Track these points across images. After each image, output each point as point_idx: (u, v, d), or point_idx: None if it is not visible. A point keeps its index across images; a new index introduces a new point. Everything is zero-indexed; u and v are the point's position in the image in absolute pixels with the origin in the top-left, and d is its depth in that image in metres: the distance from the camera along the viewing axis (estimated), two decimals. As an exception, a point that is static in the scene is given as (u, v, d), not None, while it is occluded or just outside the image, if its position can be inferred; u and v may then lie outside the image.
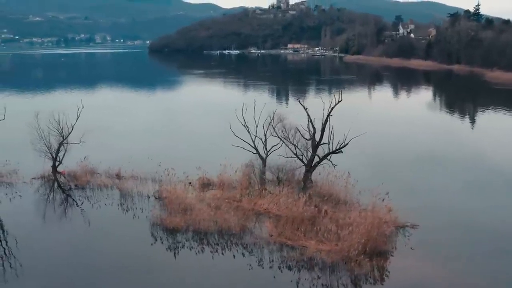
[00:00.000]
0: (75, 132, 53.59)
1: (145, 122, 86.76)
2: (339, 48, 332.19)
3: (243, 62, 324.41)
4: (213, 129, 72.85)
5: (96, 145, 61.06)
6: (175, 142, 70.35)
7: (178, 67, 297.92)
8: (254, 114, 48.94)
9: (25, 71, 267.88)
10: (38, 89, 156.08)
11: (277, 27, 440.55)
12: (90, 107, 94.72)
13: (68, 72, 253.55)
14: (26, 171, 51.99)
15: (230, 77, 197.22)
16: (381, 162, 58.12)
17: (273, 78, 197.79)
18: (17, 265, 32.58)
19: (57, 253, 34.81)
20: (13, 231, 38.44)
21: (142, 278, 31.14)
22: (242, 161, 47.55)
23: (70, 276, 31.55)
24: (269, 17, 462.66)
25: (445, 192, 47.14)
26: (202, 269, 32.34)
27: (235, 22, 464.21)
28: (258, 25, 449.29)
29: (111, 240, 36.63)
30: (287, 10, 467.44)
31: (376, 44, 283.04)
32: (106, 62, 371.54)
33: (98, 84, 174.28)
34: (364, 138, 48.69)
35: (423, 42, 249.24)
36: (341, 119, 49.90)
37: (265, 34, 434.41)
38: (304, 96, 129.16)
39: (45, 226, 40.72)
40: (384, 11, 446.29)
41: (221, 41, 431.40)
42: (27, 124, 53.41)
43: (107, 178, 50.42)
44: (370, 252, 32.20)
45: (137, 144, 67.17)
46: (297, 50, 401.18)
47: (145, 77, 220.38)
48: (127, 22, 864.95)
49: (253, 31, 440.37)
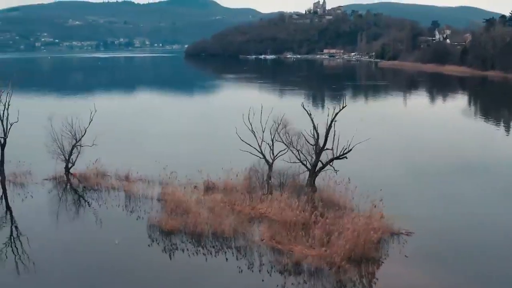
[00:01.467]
0: (93, 135, 54.47)
1: (171, 125, 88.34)
2: (375, 54, 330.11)
3: (278, 67, 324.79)
4: (229, 133, 73.13)
5: (115, 148, 63.76)
6: (191, 145, 70.69)
7: (212, 71, 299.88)
8: (261, 119, 49.41)
9: (60, 74, 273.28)
10: (67, 92, 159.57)
11: (313, 32, 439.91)
12: (115, 110, 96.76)
13: (102, 76, 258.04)
14: (38, 172, 53.12)
15: (263, 82, 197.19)
16: (395, 168, 57.89)
17: (308, 83, 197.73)
18: (30, 263, 33.52)
19: (65, 252, 35.52)
20: (25, 230, 39.67)
21: (136, 279, 31.64)
22: (250, 166, 47.82)
23: (71, 275, 32.20)
24: (305, 22, 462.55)
25: (451, 200, 46.50)
26: (195, 271, 32.73)
27: (271, 27, 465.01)
28: (294, 30, 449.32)
29: (111, 240, 37.05)
30: (323, 15, 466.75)
31: (411, 50, 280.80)
32: (141, 66, 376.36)
33: (130, 88, 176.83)
34: (384, 143, 48.41)
35: (458, 48, 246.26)
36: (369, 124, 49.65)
37: (301, 39, 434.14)
38: (335, 102, 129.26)
39: (54, 226, 41.50)
40: (421, 16, 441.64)
41: (257, 46, 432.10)
42: (42, 126, 54.87)
43: (116, 180, 51.29)
44: (356, 258, 32.12)
45: (154, 147, 67.90)
46: (333, 55, 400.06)
47: (177, 81, 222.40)
48: (167, 26, 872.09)
49: (289, 36, 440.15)
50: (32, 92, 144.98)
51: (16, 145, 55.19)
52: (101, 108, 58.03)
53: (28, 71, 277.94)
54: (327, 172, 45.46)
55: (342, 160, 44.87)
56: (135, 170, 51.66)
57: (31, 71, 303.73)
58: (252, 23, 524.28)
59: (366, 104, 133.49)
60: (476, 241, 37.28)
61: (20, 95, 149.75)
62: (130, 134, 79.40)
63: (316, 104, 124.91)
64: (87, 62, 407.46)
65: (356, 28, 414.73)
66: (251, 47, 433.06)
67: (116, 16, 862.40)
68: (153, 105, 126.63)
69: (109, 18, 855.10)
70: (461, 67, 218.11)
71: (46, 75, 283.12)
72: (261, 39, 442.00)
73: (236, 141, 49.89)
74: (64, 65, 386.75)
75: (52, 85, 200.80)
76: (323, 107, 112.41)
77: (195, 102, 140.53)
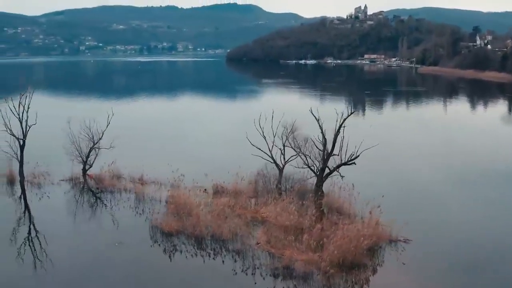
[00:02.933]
0: (114, 137, 55.79)
1: (198, 129, 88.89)
2: (416, 59, 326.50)
3: (317, 72, 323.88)
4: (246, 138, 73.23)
5: (134, 150, 65.71)
6: (211, 149, 71.15)
7: (252, 76, 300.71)
8: (272, 124, 49.64)
9: (98, 77, 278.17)
10: (101, 95, 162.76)
11: (354, 37, 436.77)
12: (144, 114, 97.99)
13: (140, 79, 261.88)
14: (56, 174, 54.77)
15: (299, 87, 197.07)
16: (410, 174, 57.66)
17: (345, 88, 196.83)
18: (48, 262, 34.56)
19: (78, 251, 36.54)
20: (42, 229, 41.05)
21: (136, 278, 32.37)
22: (259, 170, 48.03)
23: (80, 274, 33.01)
24: (346, 27, 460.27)
25: (456, 209, 46.08)
26: (192, 272, 33.29)
27: (312, 31, 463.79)
28: (335, 35, 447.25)
29: (117, 240, 38.09)
30: (365, 20, 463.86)
31: (452, 55, 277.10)
32: (181, 70, 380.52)
33: (165, 92, 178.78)
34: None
35: (499, 54, 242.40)
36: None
37: (342, 44, 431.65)
38: (363, 108, 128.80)
39: (69, 225, 42.47)
40: (466, 22, 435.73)
41: (298, 51, 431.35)
42: (61, 129, 56.35)
43: (130, 182, 52.35)
44: (347, 264, 32.11)
45: (176, 150, 69.48)
46: (373, 61, 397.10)
47: (214, 85, 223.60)
48: (210, 31, 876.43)
49: (330, 41, 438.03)
50: (64, 95, 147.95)
51: (40, 146, 57.04)
52: (128, 112, 59.01)
53: (70, 74, 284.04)
54: (334, 177, 45.39)
55: (363, 166, 44.95)
56: (151, 173, 52.73)
57: (73, 74, 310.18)
58: (293, 28, 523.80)
59: (397, 110, 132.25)
60: (476, 252, 36.69)
61: (54, 97, 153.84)
62: (153, 137, 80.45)
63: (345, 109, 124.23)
64: (128, 66, 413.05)
65: (397, 33, 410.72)
66: (292, 52, 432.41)
67: (159, 21, 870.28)
68: (185, 109, 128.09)
69: (152, 23, 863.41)
70: (501, 74, 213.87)
71: (86, 78, 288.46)
72: (301, 44, 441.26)
73: (250, 146, 50.12)
74: (105, 68, 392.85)
75: (87, 87, 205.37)
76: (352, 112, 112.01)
77: (228, 106, 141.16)
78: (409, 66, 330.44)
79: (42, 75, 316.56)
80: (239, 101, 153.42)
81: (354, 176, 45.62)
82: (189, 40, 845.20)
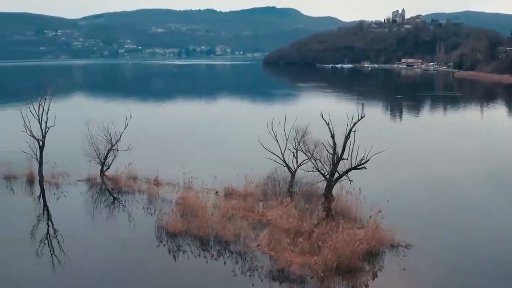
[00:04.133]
0: (137, 139, 58.47)
1: (221, 132, 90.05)
2: (453, 64, 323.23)
3: (354, 76, 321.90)
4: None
5: (155, 152, 67.99)
6: (227, 151, 72.02)
7: (287, 80, 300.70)
8: (285, 128, 50.17)
9: (133, 80, 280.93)
10: (131, 97, 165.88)
11: (391, 41, 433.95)
12: (170, 116, 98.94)
13: (174, 82, 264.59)
14: (74, 174, 56.27)
15: (333, 92, 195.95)
16: (424, 179, 57.22)
17: (379, 93, 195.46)
18: (66, 260, 35.44)
19: (92, 249, 37.41)
20: (60, 227, 42.32)
21: (141, 278, 32.92)
22: (270, 173, 48.35)
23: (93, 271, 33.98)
24: (383, 31, 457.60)
25: (455, 214, 45.48)
26: (194, 273, 33.82)
27: (349, 35, 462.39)
28: (372, 39, 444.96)
29: (127, 240, 39.02)
30: (402, 24, 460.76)
31: (489, 60, 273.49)
32: (216, 73, 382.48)
33: (198, 95, 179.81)
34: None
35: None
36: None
37: (379, 48, 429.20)
38: (393, 112, 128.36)
39: (85, 224, 43.34)
40: (506, 26, 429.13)
41: (334, 55, 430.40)
42: (80, 130, 57.79)
43: (145, 183, 53.27)
44: (342, 268, 32.19)
45: (195, 153, 69.80)
46: (411, 65, 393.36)
47: (246, 88, 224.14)
48: (248, 34, 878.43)
49: (367, 45, 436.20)
50: (97, 97, 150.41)
51: (62, 147, 58.81)
52: (157, 114, 59.90)
53: (105, 77, 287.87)
54: (344, 181, 45.56)
55: (374, 171, 45.05)
56: (167, 175, 53.61)
57: (108, 76, 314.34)
58: (330, 32, 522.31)
59: (424, 114, 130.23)
60: (478, 260, 36.15)
61: (86, 99, 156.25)
62: (179, 140, 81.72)
63: (376, 114, 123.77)
64: (164, 69, 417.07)
65: (435, 37, 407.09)
66: (328, 56, 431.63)
67: (198, 24, 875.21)
68: (216, 112, 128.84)
69: (191, 26, 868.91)
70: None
71: (121, 81, 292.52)
72: (338, 48, 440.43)
73: (263, 150, 50.69)
74: (141, 71, 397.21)
75: (120, 90, 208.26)
76: (381, 117, 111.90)
77: (261, 110, 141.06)
78: (446, 71, 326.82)
79: (78, 77, 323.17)
80: (272, 105, 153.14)
81: (366, 181, 45.89)
82: (227, 43, 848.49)
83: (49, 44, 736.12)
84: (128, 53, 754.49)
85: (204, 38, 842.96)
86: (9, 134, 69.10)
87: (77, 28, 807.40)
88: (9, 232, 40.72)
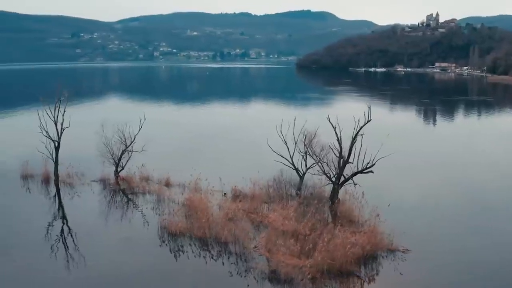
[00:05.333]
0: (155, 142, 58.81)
1: (237, 135, 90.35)
2: (486, 68, 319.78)
3: (385, 80, 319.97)
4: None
5: (171, 153, 68.71)
6: (241, 155, 72.25)
7: (317, 83, 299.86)
8: (294, 131, 50.58)
9: (162, 83, 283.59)
10: (156, 99, 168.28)
11: (425, 45, 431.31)
12: (189, 119, 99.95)
13: (203, 85, 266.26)
14: (89, 174, 57.75)
15: (362, 95, 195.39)
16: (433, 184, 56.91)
17: (406, 97, 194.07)
18: (79, 257, 36.45)
19: (100, 247, 38.54)
20: (73, 226, 43.64)
21: (142, 278, 33.61)
22: (276, 176, 48.85)
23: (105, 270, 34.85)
24: (417, 35, 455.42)
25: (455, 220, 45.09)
26: (192, 273, 34.37)
27: (382, 39, 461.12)
28: (406, 42, 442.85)
29: (133, 239, 40.01)
30: (436, 28, 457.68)
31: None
32: (247, 77, 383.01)
33: (224, 98, 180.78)
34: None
35: None
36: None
37: (412, 52, 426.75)
38: (418, 117, 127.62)
39: (96, 224, 44.30)
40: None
41: (368, 58, 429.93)
42: (95, 132, 59.03)
43: (156, 184, 54.16)
44: (334, 272, 32.40)
45: (209, 156, 70.55)
46: (444, 69, 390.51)
47: (272, 91, 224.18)
48: (283, 38, 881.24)
49: (400, 48, 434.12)
50: (120, 98, 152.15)
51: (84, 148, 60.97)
52: (176, 116, 60.70)
53: (135, 80, 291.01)
54: (350, 185, 45.81)
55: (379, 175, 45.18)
56: (179, 176, 54.40)
57: (138, 79, 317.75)
58: (364, 35, 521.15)
59: (446, 119, 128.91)
60: (478, 265, 35.93)
61: (110, 101, 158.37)
62: (191, 141, 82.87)
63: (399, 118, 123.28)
64: (196, 72, 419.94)
65: (469, 41, 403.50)
66: (362, 60, 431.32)
67: (233, 27, 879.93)
68: (239, 115, 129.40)
69: (226, 29, 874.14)
70: None
71: (151, 83, 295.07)
72: (371, 52, 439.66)
73: (272, 153, 51.18)
74: (173, 74, 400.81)
75: (146, 92, 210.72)
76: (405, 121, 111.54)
77: (279, 112, 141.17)
78: (480, 75, 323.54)
79: (108, 80, 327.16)
80: (295, 108, 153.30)
81: (372, 184, 46.11)
82: (261, 46, 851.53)
83: (85, 46, 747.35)
84: (163, 56, 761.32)
85: (238, 41, 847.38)
86: (26, 135, 72.10)
87: (113, 31, 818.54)
88: (25, 230, 42.07)
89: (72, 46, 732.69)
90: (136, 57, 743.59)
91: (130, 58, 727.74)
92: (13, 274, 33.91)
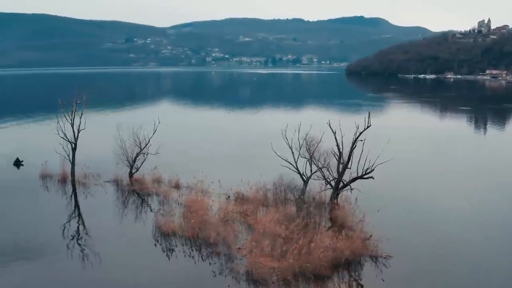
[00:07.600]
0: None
1: (254, 140, 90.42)
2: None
3: (434, 87, 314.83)
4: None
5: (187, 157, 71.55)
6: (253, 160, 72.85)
7: (364, 90, 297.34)
8: (299, 137, 51.40)
9: (209, 88, 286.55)
10: (194, 104, 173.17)
11: (475, 51, 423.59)
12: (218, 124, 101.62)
13: (248, 91, 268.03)
14: (104, 175, 60.40)
15: (402, 101, 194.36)
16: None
17: (444, 104, 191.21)
18: (94, 256, 38.18)
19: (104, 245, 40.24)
20: (88, 225, 46.06)
21: (136, 274, 35.20)
22: (275, 180, 49.59)
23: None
24: (468, 41, 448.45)
25: (448, 228, 44.51)
26: (181, 272, 35.90)
27: (433, 45, 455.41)
28: (457, 49, 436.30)
29: (135, 238, 41.68)
30: (487, 35, 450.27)
31: None
32: (296, 82, 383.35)
33: (263, 104, 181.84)
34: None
35: None
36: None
37: (463, 58, 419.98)
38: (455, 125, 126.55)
39: (108, 223, 46.32)
40: None
41: (418, 65, 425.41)
42: (112, 135, 61.40)
43: (165, 186, 56.14)
44: (307, 275, 33.09)
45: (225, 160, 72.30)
46: (495, 76, 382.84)
47: (313, 97, 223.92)
48: (335, 44, 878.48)
49: (451, 55, 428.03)
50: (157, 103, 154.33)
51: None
52: (205, 120, 62.14)
53: (181, 85, 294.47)
54: (350, 191, 46.42)
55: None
56: (188, 179, 55.93)
57: (185, 84, 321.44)
58: (415, 42, 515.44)
59: (479, 127, 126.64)
60: (459, 271, 36.21)
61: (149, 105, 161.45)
62: (210, 146, 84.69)
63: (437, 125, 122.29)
64: (245, 77, 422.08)
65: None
66: (412, 66, 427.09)
67: (285, 33, 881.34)
68: (268, 120, 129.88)
69: (278, 35, 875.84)
70: None
71: (197, 88, 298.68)
72: (422, 58, 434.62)
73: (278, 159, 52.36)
74: (221, 80, 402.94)
75: (188, 96, 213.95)
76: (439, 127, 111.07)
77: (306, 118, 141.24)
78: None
79: (151, 85, 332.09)
80: (329, 114, 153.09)
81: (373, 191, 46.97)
82: (313, 52, 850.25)
83: (138, 51, 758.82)
84: (215, 62, 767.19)
85: (290, 47, 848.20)
86: (46, 137, 76.08)
87: (166, 36, 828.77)
88: (42, 227, 44.26)
89: (125, 51, 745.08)
90: (188, 62, 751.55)
91: (183, 63, 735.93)
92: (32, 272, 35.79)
